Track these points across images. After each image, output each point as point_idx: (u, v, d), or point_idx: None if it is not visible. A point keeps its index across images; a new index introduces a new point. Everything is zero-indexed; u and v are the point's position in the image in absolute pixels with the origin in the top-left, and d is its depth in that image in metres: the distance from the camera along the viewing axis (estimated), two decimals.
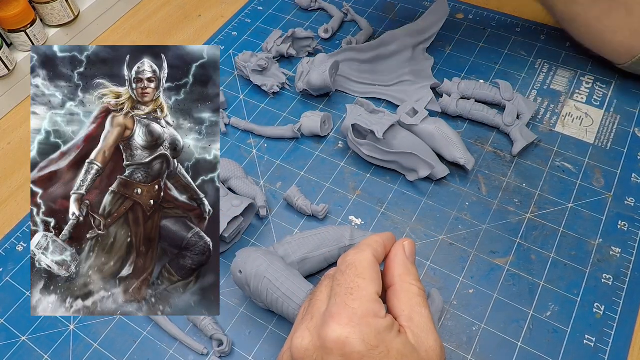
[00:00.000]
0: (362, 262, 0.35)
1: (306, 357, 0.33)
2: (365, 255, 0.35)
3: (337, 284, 0.34)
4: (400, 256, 0.37)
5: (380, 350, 0.31)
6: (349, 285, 0.34)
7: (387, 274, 0.37)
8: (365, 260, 0.35)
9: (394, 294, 0.36)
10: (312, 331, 0.34)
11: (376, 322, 0.32)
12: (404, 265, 0.37)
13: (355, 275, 0.34)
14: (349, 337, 0.31)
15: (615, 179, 0.52)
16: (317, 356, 0.33)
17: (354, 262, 0.35)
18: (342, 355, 0.31)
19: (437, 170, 0.52)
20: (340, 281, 0.35)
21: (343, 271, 0.35)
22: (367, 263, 0.35)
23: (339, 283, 0.34)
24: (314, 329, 0.34)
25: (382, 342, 0.32)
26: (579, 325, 0.44)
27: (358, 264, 0.35)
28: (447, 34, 0.67)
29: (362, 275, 0.34)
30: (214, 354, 0.44)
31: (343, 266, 0.35)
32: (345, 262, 0.36)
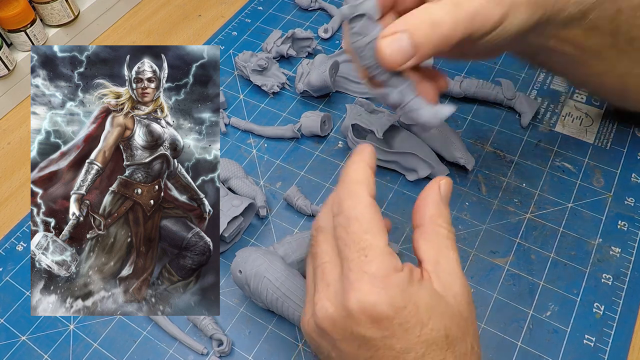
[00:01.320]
0: (364, 213, 0.32)
1: (335, 327, 0.32)
2: (364, 202, 0.32)
3: (344, 245, 0.32)
4: (433, 196, 0.35)
5: (409, 310, 0.30)
6: (359, 245, 0.31)
7: (418, 212, 0.35)
8: (366, 209, 0.32)
9: (422, 236, 0.34)
10: (334, 301, 0.32)
11: (398, 279, 0.31)
12: (436, 205, 0.35)
13: (362, 231, 0.31)
14: (375, 304, 0.30)
15: (615, 179, 0.52)
16: (345, 325, 0.31)
17: (356, 216, 0.32)
18: (372, 322, 0.30)
19: (437, 170, 0.52)
20: (346, 240, 0.32)
21: (345, 226, 0.32)
22: (369, 213, 0.32)
23: (346, 243, 0.32)
24: (335, 299, 0.32)
25: (409, 300, 0.30)
26: (579, 325, 0.44)
27: (361, 217, 0.32)
28: None
29: (369, 230, 0.32)
30: (214, 354, 0.44)
31: (343, 219, 0.32)
32: (345, 215, 0.32)
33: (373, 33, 0.33)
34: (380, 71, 0.34)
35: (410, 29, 0.32)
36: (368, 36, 0.33)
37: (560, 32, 0.40)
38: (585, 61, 0.43)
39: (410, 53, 0.32)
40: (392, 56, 0.33)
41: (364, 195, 0.33)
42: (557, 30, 0.40)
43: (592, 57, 0.43)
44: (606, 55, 0.43)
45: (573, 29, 0.40)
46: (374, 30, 0.33)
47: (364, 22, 0.32)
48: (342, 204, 0.33)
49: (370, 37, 0.33)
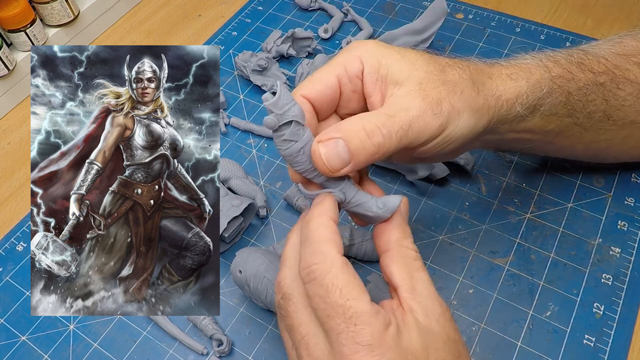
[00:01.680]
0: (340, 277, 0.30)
1: None
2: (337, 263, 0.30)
3: (326, 316, 0.30)
4: (396, 218, 0.34)
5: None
6: (345, 315, 0.29)
7: (382, 237, 0.34)
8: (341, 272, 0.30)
9: (392, 260, 0.33)
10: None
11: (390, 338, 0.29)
12: (401, 227, 0.34)
13: (343, 298, 0.29)
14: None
15: (615, 179, 0.52)
16: None
17: (332, 282, 0.30)
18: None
19: (437, 170, 0.52)
20: (327, 311, 0.29)
21: (323, 296, 0.30)
22: (345, 276, 0.30)
23: (328, 314, 0.29)
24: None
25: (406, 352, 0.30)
26: (579, 325, 0.44)
27: (337, 282, 0.30)
28: (447, 34, 0.67)
29: (350, 295, 0.29)
30: (214, 354, 0.44)
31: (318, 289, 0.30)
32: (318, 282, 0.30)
33: (304, 138, 0.32)
34: (317, 174, 0.33)
35: (346, 136, 0.31)
36: (299, 142, 0.31)
37: (518, 126, 0.40)
38: (550, 141, 0.43)
39: (346, 159, 0.31)
40: (329, 162, 0.31)
41: (334, 255, 0.30)
42: (514, 126, 0.39)
43: (555, 136, 0.43)
44: (570, 133, 0.43)
45: (531, 121, 0.40)
46: (303, 135, 0.32)
47: (292, 129, 0.31)
48: (313, 270, 0.30)
49: (301, 142, 0.32)
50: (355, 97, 0.36)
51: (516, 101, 0.38)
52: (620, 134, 0.44)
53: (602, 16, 0.68)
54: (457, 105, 0.34)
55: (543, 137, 0.42)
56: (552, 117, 0.41)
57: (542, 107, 0.39)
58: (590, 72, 0.41)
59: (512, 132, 0.40)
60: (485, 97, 0.36)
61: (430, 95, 0.34)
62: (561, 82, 0.40)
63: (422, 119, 0.33)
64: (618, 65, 0.42)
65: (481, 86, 0.36)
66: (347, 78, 0.35)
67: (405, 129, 0.32)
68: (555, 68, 0.40)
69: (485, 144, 0.42)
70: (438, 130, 0.34)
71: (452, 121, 0.34)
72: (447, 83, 0.35)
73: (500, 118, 0.38)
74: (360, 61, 0.35)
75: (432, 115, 0.33)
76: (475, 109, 0.35)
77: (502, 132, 0.40)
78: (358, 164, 0.32)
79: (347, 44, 0.65)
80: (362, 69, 0.35)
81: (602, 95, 0.42)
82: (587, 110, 0.42)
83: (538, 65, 0.40)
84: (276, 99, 0.30)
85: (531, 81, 0.38)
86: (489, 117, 0.37)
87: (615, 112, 0.43)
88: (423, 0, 0.72)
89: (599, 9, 0.69)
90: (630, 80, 0.42)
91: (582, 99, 0.41)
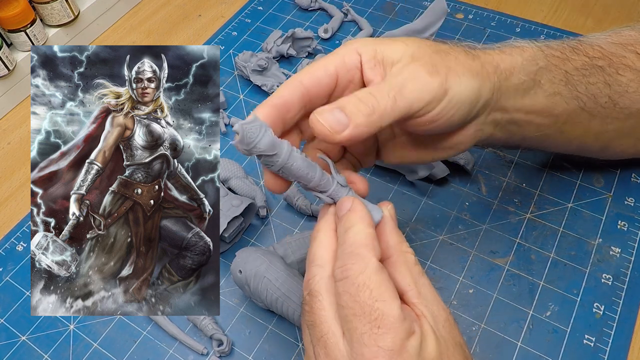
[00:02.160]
0: (373, 278, 0.30)
1: None
2: (372, 266, 0.30)
3: (353, 314, 0.29)
4: (390, 223, 0.34)
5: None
6: (371, 316, 0.29)
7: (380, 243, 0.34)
8: (375, 274, 0.30)
9: (394, 267, 0.33)
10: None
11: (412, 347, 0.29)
12: (396, 232, 0.34)
13: (372, 299, 0.29)
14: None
15: (615, 179, 0.52)
16: None
17: (364, 282, 0.30)
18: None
19: (437, 170, 0.52)
20: (354, 310, 0.29)
21: (353, 294, 0.29)
22: (378, 278, 0.30)
23: (355, 313, 0.29)
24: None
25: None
26: (579, 325, 0.44)
27: (370, 283, 0.30)
28: (447, 34, 0.67)
29: (380, 297, 0.29)
30: (214, 354, 0.44)
31: (349, 286, 0.30)
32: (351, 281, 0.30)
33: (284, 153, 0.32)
34: (303, 183, 0.34)
35: (341, 104, 0.32)
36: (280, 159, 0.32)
37: (523, 103, 0.39)
38: (560, 128, 0.43)
39: (344, 122, 0.32)
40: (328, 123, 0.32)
41: (371, 258, 0.31)
42: (519, 102, 0.39)
43: (564, 123, 0.43)
44: (578, 119, 0.43)
45: (537, 97, 0.40)
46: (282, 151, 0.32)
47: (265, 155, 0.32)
48: (347, 269, 0.30)
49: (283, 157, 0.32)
50: (351, 87, 0.36)
51: (513, 71, 0.38)
52: (628, 123, 0.44)
53: (602, 16, 0.68)
54: (455, 68, 0.35)
55: (553, 123, 0.42)
56: (556, 98, 0.40)
57: (542, 82, 0.39)
58: (585, 56, 0.42)
59: (520, 111, 0.40)
60: (482, 63, 0.37)
61: (423, 60, 0.34)
62: (556, 61, 0.40)
63: (417, 79, 0.33)
64: (614, 52, 0.42)
65: (476, 56, 0.37)
66: (345, 69, 0.35)
67: (398, 89, 0.33)
68: (548, 49, 0.41)
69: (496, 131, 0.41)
70: (440, 90, 0.34)
71: (452, 81, 0.34)
72: (440, 52, 0.35)
73: (502, 87, 0.37)
74: (357, 53, 0.35)
75: (426, 74, 0.33)
76: (474, 72, 0.35)
77: (509, 110, 0.39)
78: (358, 126, 0.32)
79: None
80: (360, 60, 0.35)
81: (603, 78, 0.42)
82: (591, 93, 0.41)
83: (530, 46, 0.40)
84: (239, 139, 0.31)
85: (525, 56, 0.39)
86: (490, 84, 0.36)
87: (620, 98, 0.42)
88: (423, 0, 0.72)
89: (599, 9, 0.69)
90: (629, 67, 0.42)
91: (582, 80, 0.41)
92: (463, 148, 0.40)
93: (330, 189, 0.34)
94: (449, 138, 0.39)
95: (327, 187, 0.34)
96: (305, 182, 0.34)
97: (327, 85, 0.35)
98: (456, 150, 0.40)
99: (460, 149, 0.40)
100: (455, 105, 0.35)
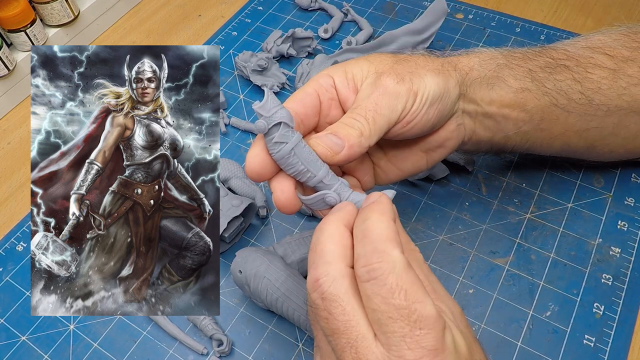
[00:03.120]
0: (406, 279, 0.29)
1: None
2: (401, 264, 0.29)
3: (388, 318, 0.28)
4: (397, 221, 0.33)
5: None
6: (411, 318, 0.28)
7: None
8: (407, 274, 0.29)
9: None
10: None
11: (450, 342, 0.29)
12: (403, 230, 0.34)
13: (409, 301, 0.28)
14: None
15: (615, 179, 0.52)
16: None
17: (397, 283, 0.28)
18: None
19: (437, 170, 0.52)
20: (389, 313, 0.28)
21: (386, 297, 0.28)
22: (411, 277, 0.29)
23: (390, 316, 0.28)
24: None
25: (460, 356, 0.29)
26: (579, 325, 0.44)
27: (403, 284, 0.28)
28: (447, 34, 0.67)
29: (416, 298, 0.28)
30: (214, 354, 0.44)
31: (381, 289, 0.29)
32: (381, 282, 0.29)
33: (293, 139, 0.33)
34: (311, 175, 0.34)
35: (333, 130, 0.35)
36: (289, 143, 0.33)
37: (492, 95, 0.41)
38: (538, 126, 0.44)
39: (340, 144, 0.34)
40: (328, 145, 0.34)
41: (398, 254, 0.29)
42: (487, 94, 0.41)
43: (541, 120, 0.43)
44: (553, 116, 0.43)
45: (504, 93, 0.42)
46: (293, 136, 0.33)
47: (281, 131, 0.33)
48: (374, 269, 0.29)
49: (291, 143, 0.33)
50: (334, 104, 0.38)
51: (472, 67, 0.41)
52: (609, 121, 0.45)
53: (602, 16, 0.68)
54: (417, 71, 0.38)
55: (529, 119, 0.43)
56: (525, 93, 0.42)
57: (504, 78, 0.42)
58: (548, 57, 0.43)
59: (491, 105, 0.42)
60: (441, 63, 0.40)
61: (386, 72, 0.37)
62: (517, 60, 0.43)
63: (387, 93, 0.36)
64: (581, 54, 0.44)
65: (434, 58, 0.40)
66: (323, 89, 0.38)
67: (373, 108, 0.36)
68: (508, 52, 0.44)
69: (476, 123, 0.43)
70: (409, 94, 0.37)
71: (419, 83, 0.37)
72: (400, 61, 0.39)
73: (466, 81, 0.41)
74: (329, 76, 0.38)
75: (395, 84, 0.36)
76: (435, 71, 0.39)
77: (479, 103, 0.41)
78: (352, 146, 0.35)
79: (347, 44, 0.65)
80: (333, 81, 0.38)
81: (570, 75, 0.43)
82: (560, 89, 0.43)
83: (489, 50, 0.43)
84: (263, 102, 0.32)
85: (482, 57, 0.42)
86: (453, 79, 0.39)
87: (594, 95, 0.43)
88: (423, 0, 0.72)
89: (599, 9, 0.69)
90: (598, 66, 0.43)
91: (548, 77, 0.43)
92: (451, 145, 0.42)
93: (336, 184, 0.35)
94: (433, 137, 0.41)
95: (334, 182, 0.35)
96: (313, 173, 0.34)
97: (312, 103, 0.37)
98: (446, 149, 0.42)
99: (449, 146, 0.42)
100: (426, 102, 0.37)
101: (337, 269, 0.30)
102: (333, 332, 0.30)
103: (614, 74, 0.43)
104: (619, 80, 0.43)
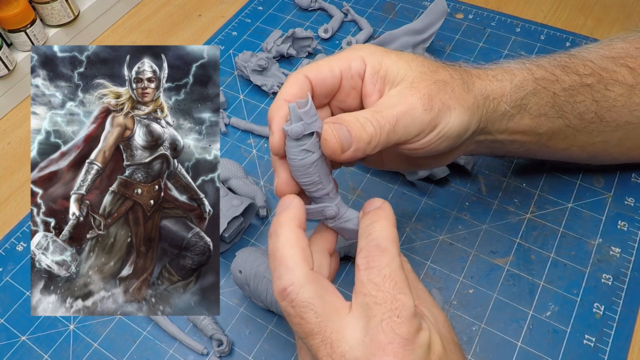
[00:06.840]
0: (398, 273, 0.31)
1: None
2: (397, 262, 0.32)
3: (374, 302, 0.30)
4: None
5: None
6: (392, 304, 0.30)
7: None
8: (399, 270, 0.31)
9: None
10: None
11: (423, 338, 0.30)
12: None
13: (395, 290, 0.30)
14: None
15: (615, 179, 0.52)
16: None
17: (390, 274, 0.31)
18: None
19: (437, 170, 0.52)
20: (376, 298, 0.30)
21: (378, 283, 0.31)
22: (402, 274, 0.31)
23: (376, 301, 0.30)
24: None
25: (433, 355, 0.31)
26: (579, 325, 0.44)
27: (395, 276, 0.31)
28: (447, 34, 0.67)
29: (403, 289, 0.31)
30: (214, 354, 0.44)
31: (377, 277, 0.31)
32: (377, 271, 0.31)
33: (319, 151, 0.33)
34: (321, 187, 0.34)
35: (347, 123, 0.33)
36: (316, 153, 0.33)
37: (508, 126, 0.41)
38: (544, 143, 0.44)
39: (350, 141, 0.33)
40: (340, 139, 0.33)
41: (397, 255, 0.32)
42: (504, 125, 0.41)
43: (549, 139, 0.43)
44: (563, 135, 0.43)
45: (522, 120, 0.41)
46: (319, 148, 0.33)
47: (314, 140, 0.33)
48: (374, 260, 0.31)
49: (317, 154, 0.33)
50: (353, 94, 0.37)
51: (501, 100, 0.39)
52: (615, 135, 0.45)
53: (602, 16, 0.68)
54: (448, 102, 0.36)
55: (536, 140, 0.43)
56: (542, 119, 0.42)
57: (528, 106, 0.40)
58: (575, 74, 0.42)
59: (503, 133, 0.41)
60: (474, 96, 0.38)
61: (422, 92, 0.35)
62: (545, 83, 0.41)
63: (410, 114, 0.35)
64: (605, 67, 0.43)
65: (471, 85, 0.38)
66: (350, 74, 0.36)
67: (392, 123, 0.34)
68: (539, 71, 0.41)
69: (480, 147, 0.43)
70: (430, 125, 0.35)
71: (444, 117, 0.36)
72: (439, 82, 0.36)
73: (489, 117, 0.39)
74: (363, 61, 0.36)
75: (422, 110, 0.35)
76: (466, 106, 0.37)
77: (492, 132, 0.41)
78: (358, 149, 0.34)
79: (347, 44, 0.65)
80: (364, 69, 0.36)
81: (590, 96, 0.42)
82: (577, 112, 0.42)
83: (521, 69, 0.41)
84: (308, 108, 0.32)
85: (514, 82, 0.40)
86: (479, 115, 0.38)
87: (607, 113, 0.43)
88: (423, 0, 0.72)
89: (599, 9, 0.69)
90: (618, 82, 0.43)
91: (569, 99, 0.42)
92: (445, 163, 0.43)
93: (337, 199, 0.36)
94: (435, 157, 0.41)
95: (336, 197, 0.36)
96: (324, 185, 0.34)
97: (332, 86, 0.36)
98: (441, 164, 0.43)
99: (442, 164, 0.43)
100: (442, 137, 0.36)
101: (301, 275, 0.31)
102: (307, 334, 0.31)
103: (630, 91, 0.43)
104: (634, 97, 0.43)
